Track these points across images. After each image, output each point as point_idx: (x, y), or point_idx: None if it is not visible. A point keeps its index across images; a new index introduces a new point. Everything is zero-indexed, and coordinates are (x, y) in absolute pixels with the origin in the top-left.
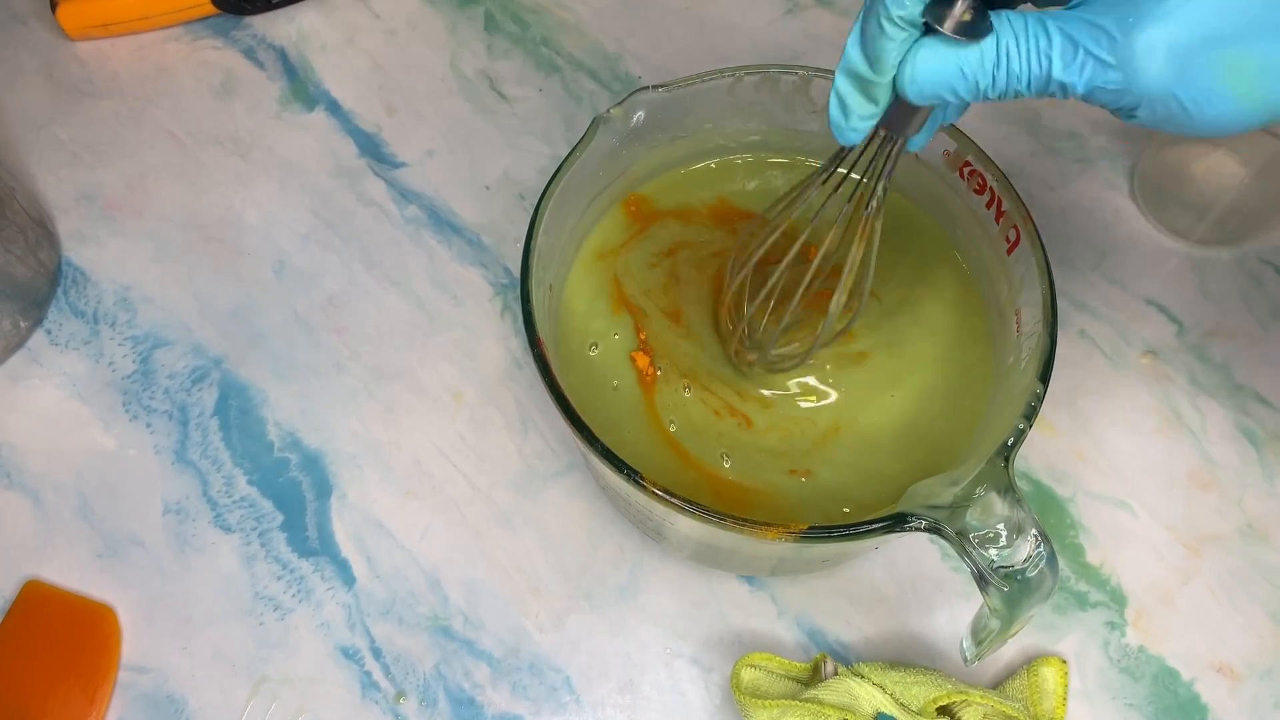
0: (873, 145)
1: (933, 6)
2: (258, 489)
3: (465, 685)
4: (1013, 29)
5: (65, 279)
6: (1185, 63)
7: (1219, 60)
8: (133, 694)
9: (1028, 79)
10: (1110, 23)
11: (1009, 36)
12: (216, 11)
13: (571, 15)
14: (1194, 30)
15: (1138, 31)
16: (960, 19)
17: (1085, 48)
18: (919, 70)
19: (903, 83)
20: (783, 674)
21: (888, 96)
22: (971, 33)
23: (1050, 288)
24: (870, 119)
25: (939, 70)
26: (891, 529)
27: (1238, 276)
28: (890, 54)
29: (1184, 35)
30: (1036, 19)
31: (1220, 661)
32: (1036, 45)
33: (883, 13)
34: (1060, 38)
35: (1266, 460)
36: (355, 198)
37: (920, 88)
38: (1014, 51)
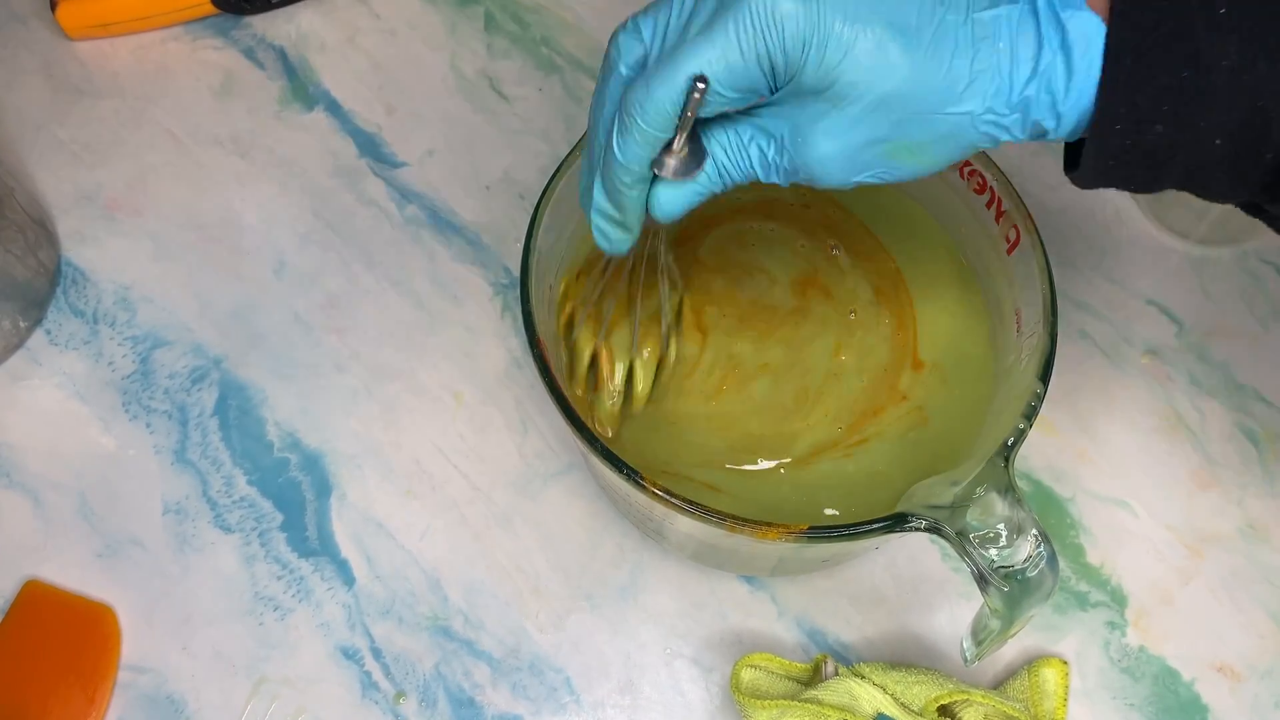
0: None
1: (657, 160)
2: (258, 489)
3: (465, 685)
4: (723, 149)
5: (65, 279)
6: (853, 161)
7: (880, 154)
8: (132, 694)
9: (744, 178)
10: (785, 132)
11: (721, 156)
12: (216, 11)
13: (571, 15)
14: (848, 139)
15: (804, 146)
16: (681, 158)
17: (771, 159)
18: (663, 203)
19: (654, 213)
20: (783, 674)
21: (639, 224)
22: (693, 166)
23: (1050, 288)
24: (630, 240)
25: (678, 199)
26: (891, 529)
27: (1238, 276)
28: (633, 202)
29: (841, 144)
30: (735, 134)
31: (1221, 662)
32: (741, 159)
33: (616, 180)
34: (756, 152)
35: (1267, 460)
36: (355, 198)
37: (668, 214)
38: (728, 166)
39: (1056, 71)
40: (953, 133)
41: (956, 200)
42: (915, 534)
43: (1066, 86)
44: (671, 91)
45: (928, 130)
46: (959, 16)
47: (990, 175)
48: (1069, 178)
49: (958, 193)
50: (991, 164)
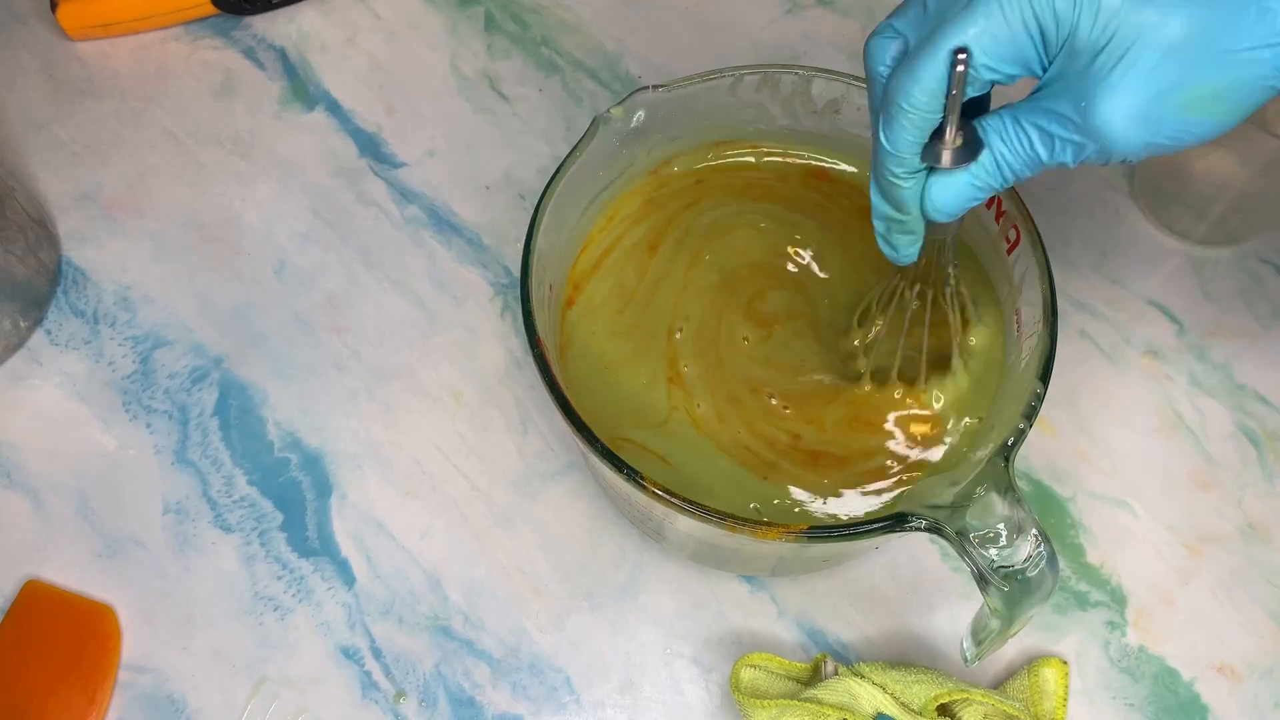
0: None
1: (928, 149)
2: (258, 489)
3: (465, 685)
4: (999, 136)
5: (65, 279)
6: (1146, 119)
7: (1175, 106)
8: (133, 694)
9: (1027, 169)
10: (1069, 107)
11: (998, 145)
12: (216, 11)
13: (571, 15)
14: (1140, 94)
15: (1093, 112)
16: (954, 148)
17: (1058, 136)
18: (938, 201)
19: (929, 214)
20: (783, 674)
21: (921, 223)
22: (968, 156)
23: (1050, 288)
24: (915, 244)
25: (955, 195)
26: (892, 529)
27: (1238, 276)
28: (908, 197)
29: (1133, 101)
30: (1013, 119)
31: (1221, 661)
32: (1021, 145)
33: (890, 175)
34: (1036, 132)
35: (1267, 460)
36: (355, 198)
37: (946, 212)
38: (1007, 155)
39: None
40: (1247, 72)
41: None
42: (915, 534)
43: None
44: (934, 68)
45: (1220, 74)
46: None
47: None
48: None
49: None
50: None
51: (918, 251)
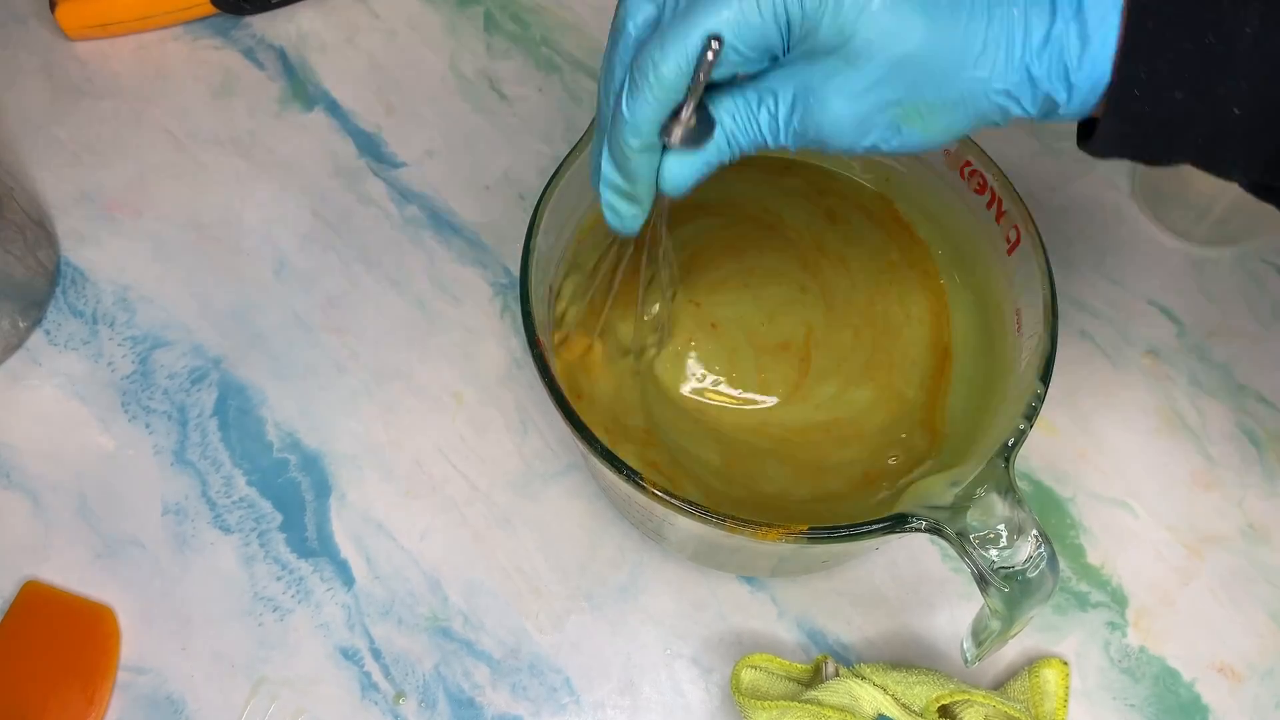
0: None
1: (665, 128)
2: (257, 489)
3: (465, 686)
4: (731, 116)
5: (64, 279)
6: (864, 122)
7: (892, 114)
8: (132, 694)
9: (751, 147)
10: (798, 96)
11: (729, 123)
12: (216, 11)
13: (571, 15)
14: (862, 101)
15: (817, 106)
16: (688, 128)
17: (783, 120)
18: (671, 175)
19: (663, 188)
20: (783, 675)
21: (649, 196)
22: (702, 134)
23: (1051, 288)
24: (640, 216)
25: (688, 171)
26: (892, 529)
27: (1238, 276)
28: (641, 169)
29: (855, 106)
30: (744, 98)
31: (1221, 662)
32: (750, 125)
33: (625, 146)
34: (765, 114)
35: (1267, 460)
36: (355, 198)
37: (678, 187)
38: (736, 134)
39: (1070, 39)
40: (964, 99)
41: (957, 200)
42: (915, 534)
43: (1080, 56)
44: (686, 49)
45: (940, 94)
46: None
47: (990, 175)
48: (1082, 148)
49: (958, 193)
50: (991, 164)
51: (641, 223)
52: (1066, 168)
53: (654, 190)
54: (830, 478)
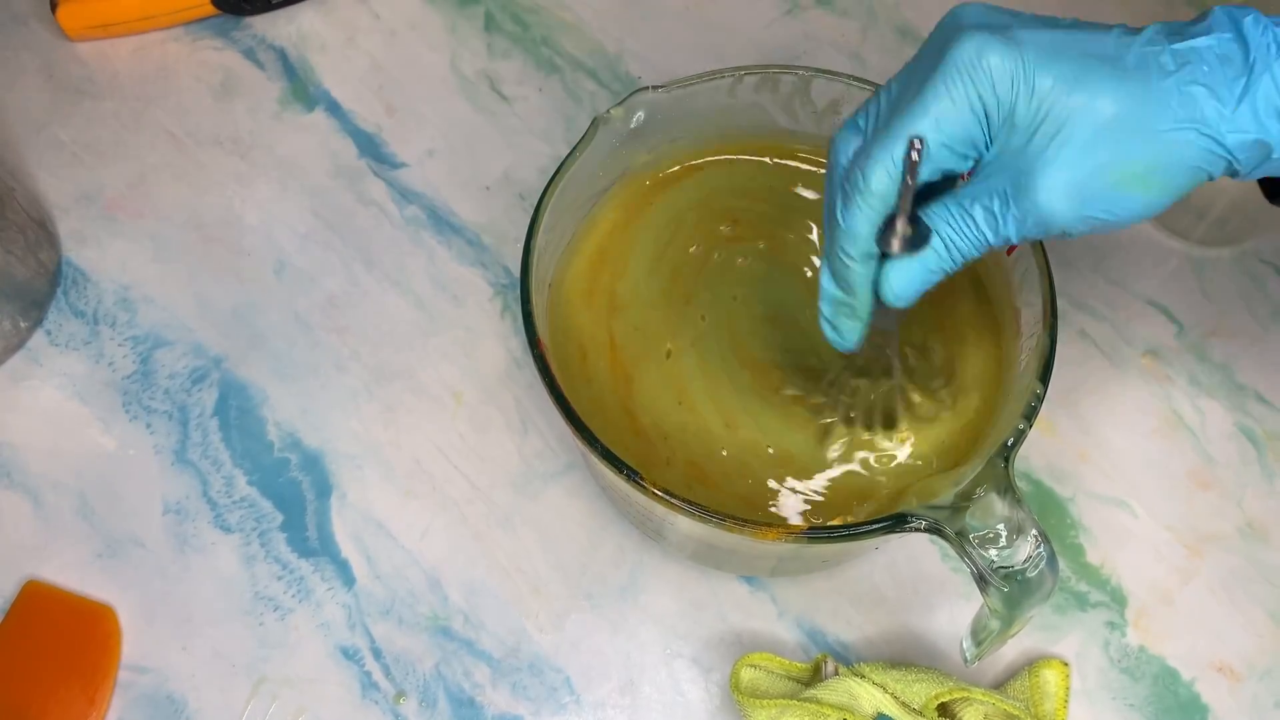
0: None
1: (882, 235)
2: (258, 489)
3: (465, 685)
4: (946, 222)
5: (65, 279)
6: (1081, 194)
7: (1107, 183)
8: (133, 694)
9: (976, 250)
10: (1009, 184)
11: (945, 230)
12: (216, 12)
13: (571, 15)
14: (1074, 170)
15: (1031, 187)
16: (904, 237)
17: (999, 214)
18: (895, 286)
19: (888, 299)
20: (783, 674)
21: (869, 309)
22: (919, 243)
23: (1050, 288)
24: (858, 330)
25: (909, 279)
26: (892, 529)
27: (1238, 276)
28: (859, 279)
29: (1067, 176)
30: (956, 203)
31: (1221, 661)
32: (968, 228)
33: (843, 255)
34: (981, 212)
35: (1266, 460)
36: (355, 198)
37: (902, 297)
38: (956, 240)
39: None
40: (1174, 154)
41: None
42: (915, 534)
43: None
44: (891, 153)
45: (1149, 153)
46: (1158, 48)
47: None
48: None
49: None
50: None
51: (860, 338)
52: None
53: (872, 303)
54: None
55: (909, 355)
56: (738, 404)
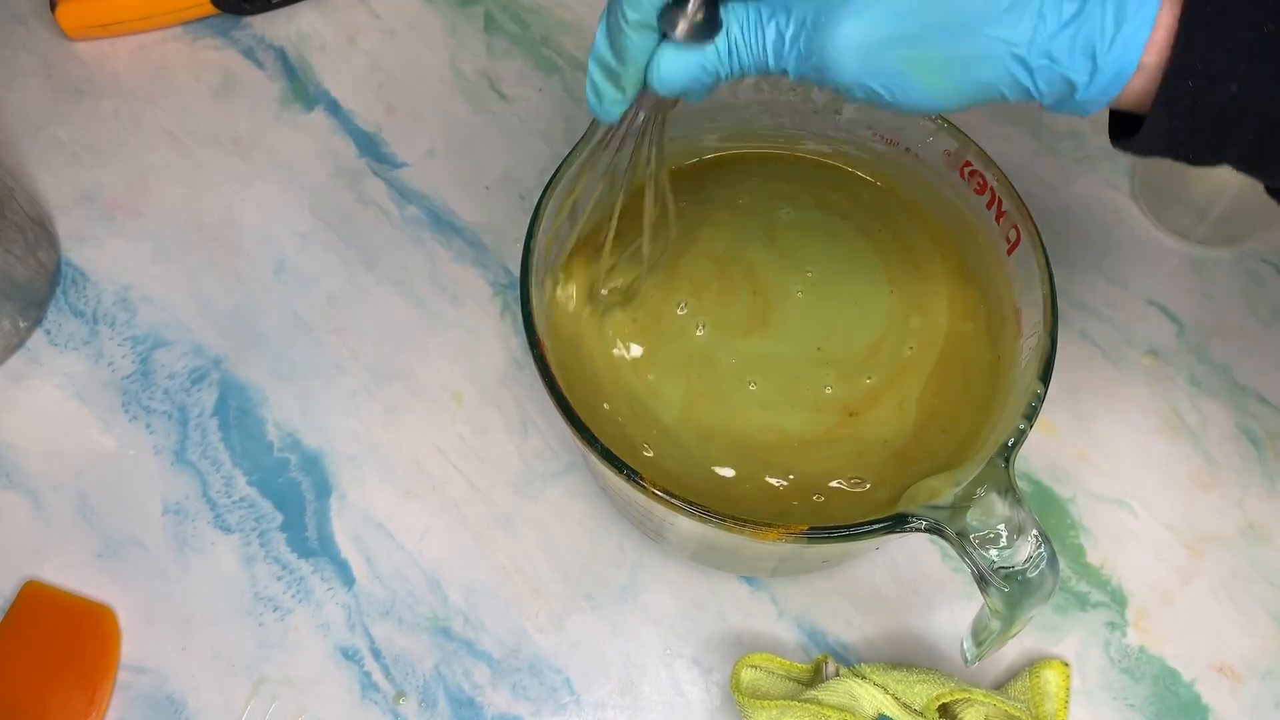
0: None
1: (667, 12)
2: (257, 489)
3: (465, 686)
4: (738, 24)
5: (65, 279)
6: (872, 57)
7: (902, 56)
8: (132, 694)
9: (752, 67)
10: (810, 15)
11: (736, 32)
12: (216, 11)
13: (571, 15)
14: (872, 32)
15: (827, 29)
16: (694, 21)
17: (789, 40)
18: (663, 70)
19: (651, 81)
20: (783, 675)
21: (635, 87)
22: (705, 34)
23: (1051, 288)
24: (621, 104)
25: (681, 70)
26: (892, 529)
27: (1238, 276)
28: (632, 51)
29: (868, 35)
30: (755, 10)
31: (1221, 662)
32: (757, 39)
33: (621, 17)
34: (774, 32)
35: (1267, 460)
36: (355, 198)
37: (667, 85)
38: (740, 47)
39: (1105, 18)
40: (979, 58)
41: (956, 200)
42: (915, 534)
43: (1113, 37)
44: None
45: (955, 46)
46: None
47: (990, 175)
48: (1119, 146)
49: (958, 193)
50: (991, 164)
51: (619, 114)
52: (1066, 168)
53: (641, 80)
54: None
55: None
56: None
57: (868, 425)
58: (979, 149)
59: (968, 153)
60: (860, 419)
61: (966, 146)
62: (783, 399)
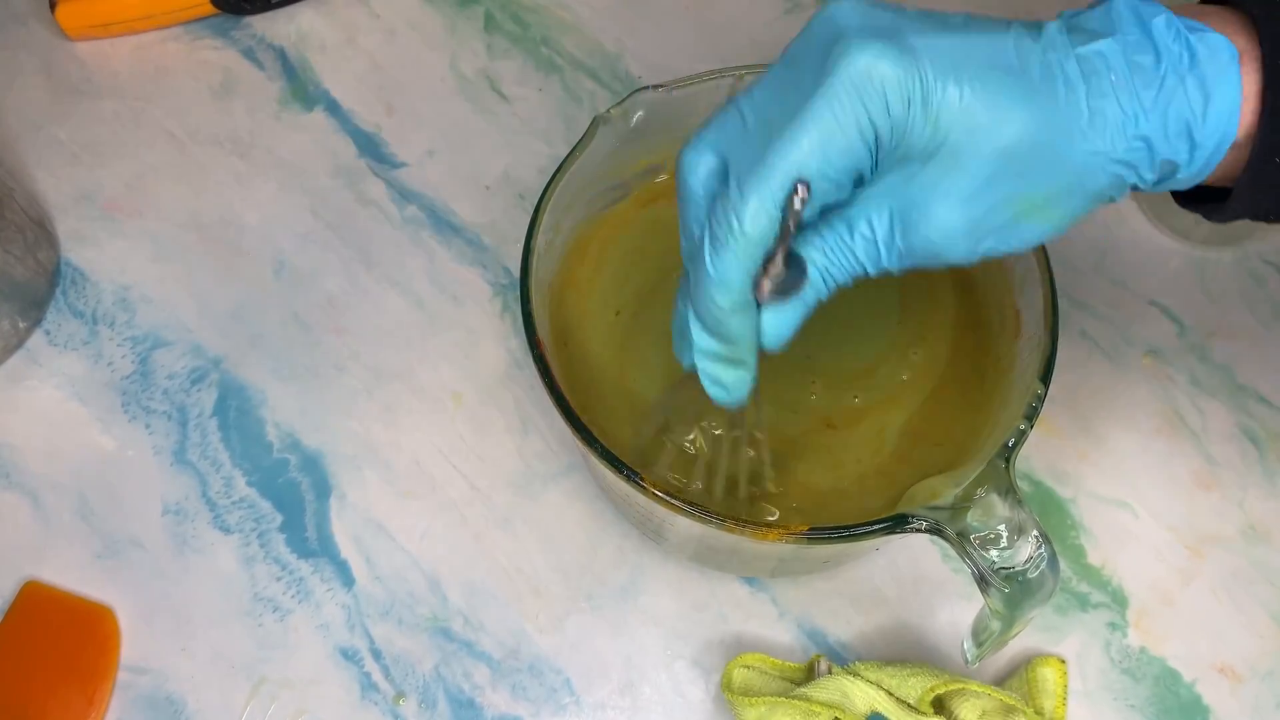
0: None
1: (754, 283)
2: (257, 490)
3: (465, 686)
4: (822, 253)
5: (64, 279)
6: (978, 228)
7: (1008, 216)
8: (132, 695)
9: (850, 280)
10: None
11: (821, 261)
12: (216, 11)
13: (571, 15)
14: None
15: (922, 221)
16: (778, 279)
17: (882, 246)
18: (775, 330)
19: (765, 344)
20: (776, 674)
21: (754, 356)
22: (795, 282)
23: (1051, 288)
24: (749, 381)
25: (789, 321)
26: (892, 530)
27: (1239, 276)
28: (738, 330)
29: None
30: (833, 232)
31: (1222, 662)
32: (846, 259)
33: (713, 306)
34: (861, 243)
35: (1268, 461)
36: (355, 198)
37: (780, 339)
38: (832, 269)
39: (1190, 94)
40: (1079, 179)
41: None
42: (916, 535)
43: (1204, 110)
44: (771, 196)
45: (1054, 179)
46: (1062, 54)
47: None
48: (1203, 214)
49: None
50: None
51: (749, 388)
52: None
53: (756, 349)
54: None
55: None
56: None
57: (843, 442)
58: None
59: None
60: (838, 433)
61: None
62: (762, 392)
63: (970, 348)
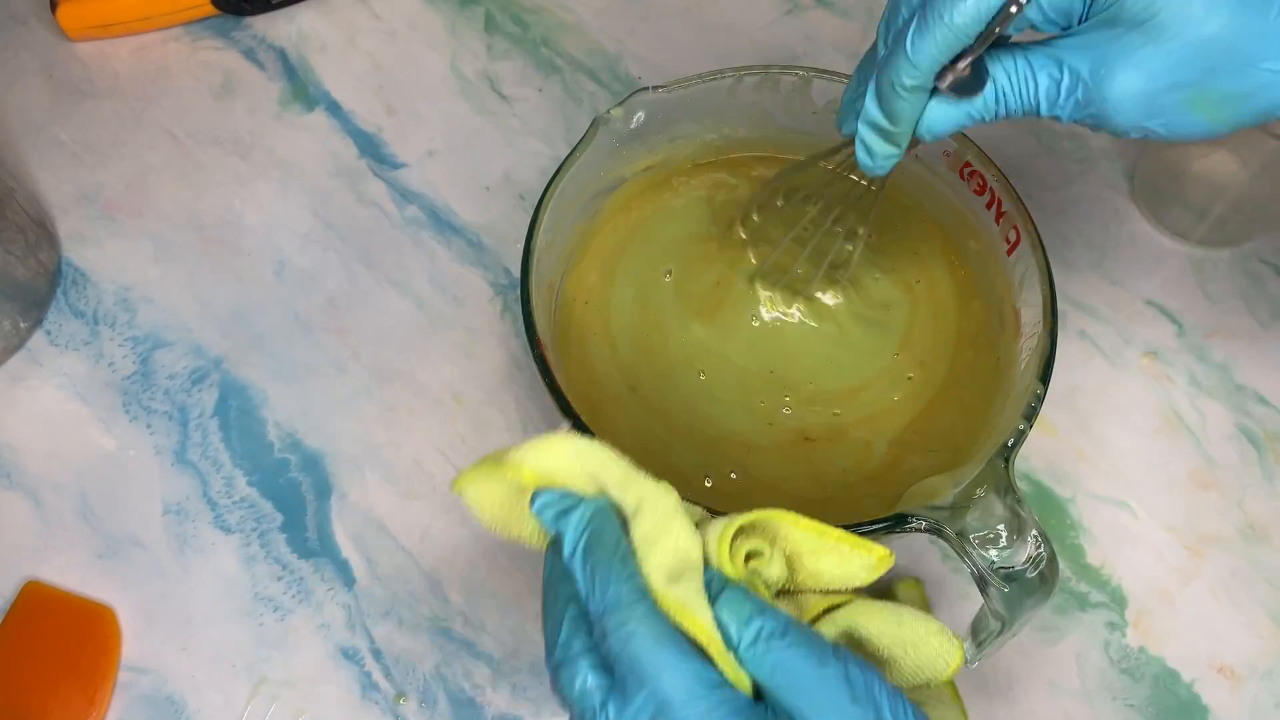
0: None
1: (940, 72)
2: (258, 490)
3: (465, 686)
4: (1006, 74)
5: (65, 279)
6: (1152, 103)
7: (1183, 100)
8: (132, 694)
9: (1020, 112)
10: (1085, 68)
11: (1004, 82)
12: (216, 12)
13: (571, 15)
14: (1158, 80)
15: (1108, 81)
16: (961, 76)
17: (1064, 90)
18: (934, 122)
19: (921, 132)
20: None
21: (907, 140)
22: (974, 87)
23: (1050, 288)
24: (895, 158)
25: (950, 120)
26: (892, 529)
27: (1238, 277)
28: (906, 112)
29: (1149, 84)
30: (1025, 61)
31: (1221, 662)
32: (1026, 88)
33: (896, 82)
34: (1046, 81)
35: (1267, 461)
36: (355, 198)
37: (936, 134)
38: (1009, 95)
39: None
40: (1258, 90)
41: (957, 201)
42: (915, 534)
43: None
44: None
45: (1236, 82)
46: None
47: (990, 176)
48: None
49: (958, 193)
50: (991, 164)
51: (891, 167)
52: (1066, 168)
53: (911, 134)
54: None
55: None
56: (742, 403)
57: (823, 454)
58: (979, 150)
59: (967, 153)
60: (817, 446)
61: (966, 147)
62: (732, 400)
63: (969, 359)
